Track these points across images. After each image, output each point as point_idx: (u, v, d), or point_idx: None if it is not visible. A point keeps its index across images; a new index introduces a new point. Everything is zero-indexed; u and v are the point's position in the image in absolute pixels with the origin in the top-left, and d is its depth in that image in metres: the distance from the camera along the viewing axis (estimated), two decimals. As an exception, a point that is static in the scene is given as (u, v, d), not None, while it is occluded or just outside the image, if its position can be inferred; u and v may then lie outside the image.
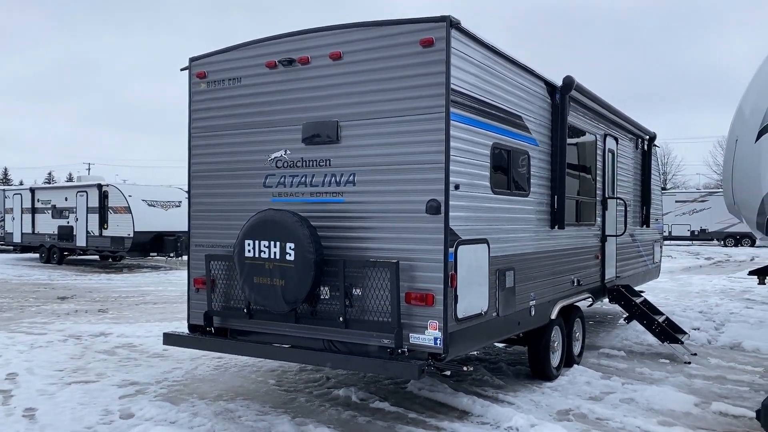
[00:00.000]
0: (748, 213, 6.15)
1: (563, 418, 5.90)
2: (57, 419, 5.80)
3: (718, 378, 7.41)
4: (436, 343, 4.99)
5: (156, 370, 7.68)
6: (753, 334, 9.81)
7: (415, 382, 6.87)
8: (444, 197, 4.96)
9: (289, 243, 5.19)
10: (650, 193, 10.90)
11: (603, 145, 8.76)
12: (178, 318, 11.63)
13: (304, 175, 5.66)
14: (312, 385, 6.98)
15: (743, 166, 5.95)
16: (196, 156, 6.30)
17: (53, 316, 11.83)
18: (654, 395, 6.50)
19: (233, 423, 5.71)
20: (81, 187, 23.85)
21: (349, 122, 5.42)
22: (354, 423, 5.74)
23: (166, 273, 21.35)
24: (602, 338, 9.67)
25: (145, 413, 5.94)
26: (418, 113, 5.06)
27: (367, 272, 5.23)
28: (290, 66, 5.68)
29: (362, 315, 5.28)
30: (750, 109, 5.91)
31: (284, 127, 5.75)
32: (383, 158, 5.26)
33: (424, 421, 5.80)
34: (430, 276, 5.01)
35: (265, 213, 5.43)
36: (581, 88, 7.25)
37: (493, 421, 5.77)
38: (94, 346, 9.04)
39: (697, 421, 5.82)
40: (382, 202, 5.27)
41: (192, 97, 6.31)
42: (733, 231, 39.96)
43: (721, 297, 14.92)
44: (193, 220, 6.33)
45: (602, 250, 8.80)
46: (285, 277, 5.22)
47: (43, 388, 6.83)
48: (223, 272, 5.98)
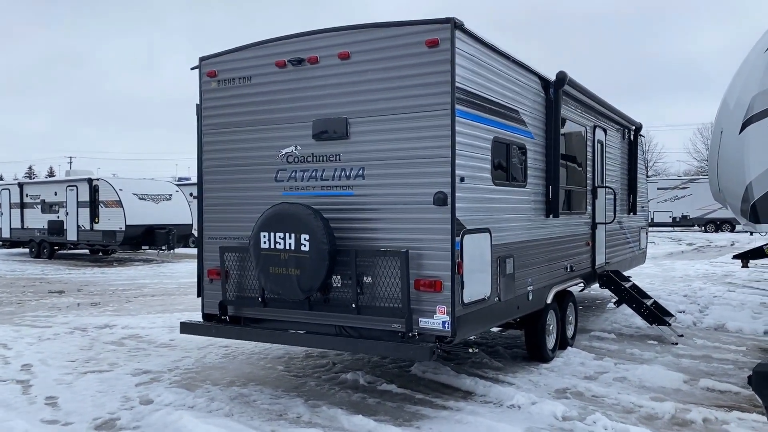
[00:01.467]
0: (733, 200, 6.51)
1: (561, 396, 6.26)
2: (80, 406, 6.05)
3: (704, 357, 7.82)
4: (444, 327, 5.31)
5: (166, 359, 7.94)
6: (735, 315, 10.26)
7: (419, 365, 7.21)
8: (450, 189, 5.26)
9: (304, 234, 5.47)
10: (637, 182, 11.29)
11: (593, 136, 9.10)
12: (179, 309, 11.87)
13: (314, 169, 5.93)
14: (320, 370, 7.28)
15: (728, 157, 6.30)
16: (208, 152, 6.54)
17: (54, 309, 12.01)
18: (645, 373, 6.89)
19: (249, 407, 6.00)
20: (71, 182, 23.86)
21: (357, 119, 5.69)
22: (364, 404, 6.06)
23: (159, 266, 21.49)
24: (592, 322, 10.06)
25: (163, 399, 6.20)
26: (425, 110, 5.35)
27: (377, 261, 5.53)
28: (300, 65, 5.93)
29: (373, 301, 5.58)
30: (734, 102, 6.25)
31: (294, 124, 6.01)
32: (391, 153, 5.55)
33: (431, 401, 6.12)
34: (438, 264, 5.32)
35: (280, 206, 5.70)
36: (573, 82, 7.58)
37: (495, 399, 6.11)
38: (101, 338, 9.27)
39: (687, 397, 6.20)
40: (390, 194, 5.57)
41: (203, 95, 6.54)
42: (713, 217, 40.80)
43: (704, 281, 15.44)
44: (205, 214, 6.58)
45: (593, 237, 9.17)
46: (300, 266, 5.51)
47: (59, 377, 7.06)
48: (237, 263, 6.25)
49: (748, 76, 6.23)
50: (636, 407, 5.89)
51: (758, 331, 9.27)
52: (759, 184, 5.86)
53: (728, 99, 6.45)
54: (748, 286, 14.49)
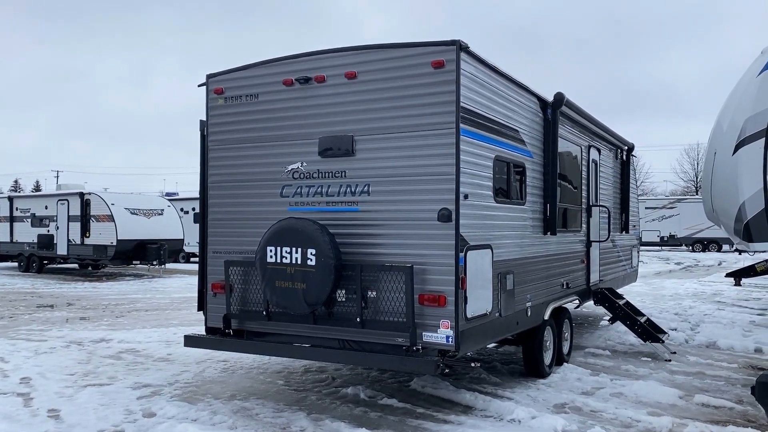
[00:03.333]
0: (727, 220, 6.69)
1: (560, 410, 6.35)
2: (83, 419, 6.07)
3: (697, 374, 7.95)
4: (448, 341, 5.41)
5: (165, 373, 7.96)
6: (726, 333, 10.43)
7: (419, 380, 7.28)
8: (455, 206, 5.39)
9: (311, 249, 5.57)
10: (629, 201, 11.51)
11: (587, 155, 9.30)
12: (173, 324, 11.87)
13: (320, 185, 6.05)
14: (319, 384, 7.34)
15: (722, 177, 6.49)
16: (214, 167, 6.64)
17: (48, 323, 11.96)
18: (641, 389, 7.00)
19: (252, 420, 6.05)
20: (62, 196, 23.79)
21: (363, 136, 5.83)
22: (366, 418, 6.12)
23: (150, 281, 21.42)
24: (586, 339, 10.19)
25: (166, 412, 6.23)
26: (430, 129, 5.50)
27: (382, 276, 5.64)
28: (307, 84, 6.07)
29: (377, 315, 5.67)
30: (727, 124, 6.45)
31: (301, 141, 6.13)
32: (396, 170, 5.68)
33: (432, 415, 6.20)
34: (442, 279, 5.44)
35: (287, 221, 5.80)
36: (570, 103, 7.77)
37: (496, 414, 6.20)
38: (98, 352, 9.26)
39: (683, 412, 6.32)
40: (395, 210, 5.69)
41: (209, 112, 6.66)
42: (700, 237, 41.27)
43: (694, 300, 15.65)
44: (210, 228, 6.66)
45: (587, 255, 9.33)
46: (306, 280, 5.60)
47: (60, 390, 7.07)
48: (241, 277, 6.33)
49: (741, 99, 6.44)
50: (634, 422, 5.99)
51: (749, 349, 9.43)
52: (752, 204, 6.04)
53: (721, 121, 6.66)
54: (737, 304, 14.70)
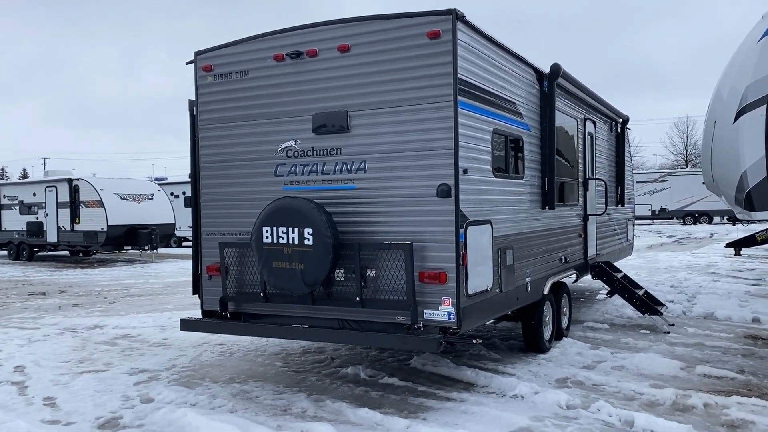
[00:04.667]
0: (727, 189, 6.61)
1: (562, 385, 6.31)
2: (79, 406, 5.97)
3: (697, 345, 7.94)
4: (449, 318, 5.32)
5: (162, 358, 7.86)
6: (723, 304, 10.44)
7: (418, 358, 7.23)
8: (454, 181, 5.27)
9: (308, 228, 5.45)
10: (624, 174, 11.42)
11: (583, 128, 9.19)
12: (168, 309, 11.76)
13: (315, 163, 5.91)
14: (319, 365, 7.26)
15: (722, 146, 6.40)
16: (205, 147, 6.47)
17: (41, 311, 11.82)
18: (642, 362, 6.97)
19: (252, 402, 5.97)
20: (50, 182, 23.49)
21: (358, 112, 5.68)
22: (368, 397, 6.05)
23: (142, 266, 21.26)
24: (584, 313, 10.16)
25: (164, 397, 6.14)
26: (427, 102, 5.36)
27: (381, 254, 5.53)
28: (298, 59, 5.90)
29: (377, 294, 5.58)
30: (728, 92, 6.34)
31: (294, 118, 5.98)
32: (393, 146, 5.54)
33: (434, 393, 6.14)
34: (443, 255, 5.33)
35: (282, 200, 5.67)
36: (566, 74, 7.64)
37: (498, 390, 6.15)
38: (92, 338, 9.14)
39: (685, 383, 6.29)
40: (393, 187, 5.56)
41: (198, 90, 6.48)
42: (691, 209, 41.50)
43: (689, 272, 15.68)
44: (203, 210, 6.52)
45: (584, 228, 9.26)
46: (304, 260, 5.48)
47: (55, 378, 6.96)
48: (237, 258, 6.21)
49: (742, 66, 6.33)
50: (637, 394, 5.96)
51: (746, 319, 9.43)
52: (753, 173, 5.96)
53: (721, 89, 6.55)
54: (731, 275, 14.75)
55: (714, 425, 5.17)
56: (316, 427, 5.16)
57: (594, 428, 5.14)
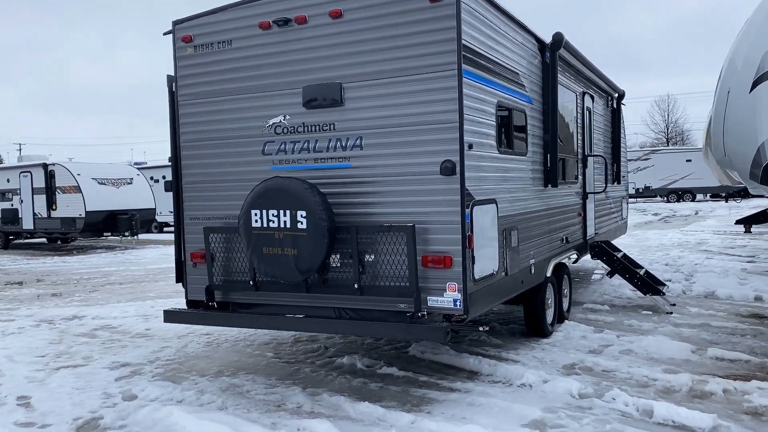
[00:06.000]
0: (742, 164, 6.29)
1: (571, 372, 5.99)
2: (56, 405, 5.53)
3: (703, 325, 7.67)
4: (456, 305, 4.95)
5: (144, 350, 7.43)
6: (723, 282, 10.20)
7: (417, 346, 6.87)
8: (459, 157, 4.87)
9: (300, 211, 5.03)
10: (620, 151, 11.10)
11: (582, 102, 8.82)
12: (150, 297, 11.29)
13: (306, 140, 5.47)
14: (312, 355, 6.88)
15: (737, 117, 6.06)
16: (186, 125, 6.00)
17: (16, 302, 11.28)
18: (651, 345, 6.68)
19: (243, 398, 5.57)
20: (24, 168, 22.69)
21: (353, 83, 5.24)
22: (367, 389, 5.69)
23: (123, 253, 20.67)
24: (582, 294, 9.87)
25: (148, 394, 5.73)
26: (428, 71, 4.93)
27: (380, 237, 5.13)
28: (286, 26, 5.43)
29: (377, 281, 5.19)
30: (742, 60, 6.00)
31: (282, 91, 5.52)
32: (391, 120, 5.12)
33: (437, 383, 5.79)
34: (448, 238, 4.95)
35: (272, 181, 5.23)
36: (568, 45, 7.24)
37: (504, 379, 5.81)
38: (70, 330, 8.67)
39: (699, 367, 6.00)
40: (391, 165, 5.15)
41: (177, 63, 5.98)
42: (675, 187, 41.58)
43: (681, 249, 15.50)
44: (186, 193, 6.05)
45: (584, 207, 8.93)
46: (297, 246, 5.07)
47: (30, 375, 6.50)
48: (223, 245, 5.77)
49: (758, 33, 5.98)
50: (651, 380, 5.65)
51: (748, 297, 9.21)
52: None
53: (735, 58, 6.20)
54: (724, 253, 14.58)
55: (737, 413, 4.88)
56: (314, 425, 4.79)
57: (611, 419, 4.83)
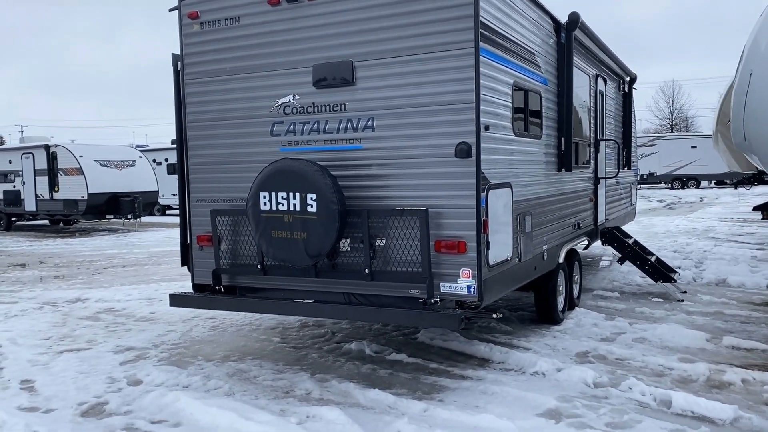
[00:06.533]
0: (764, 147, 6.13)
1: (584, 360, 5.88)
2: (60, 390, 5.43)
3: (716, 314, 7.54)
4: (469, 291, 4.82)
5: (149, 333, 7.32)
6: (733, 270, 10.06)
7: (426, 332, 6.76)
8: (475, 139, 4.71)
9: (310, 194, 4.88)
10: (631, 136, 10.92)
11: (595, 86, 8.63)
12: (154, 280, 11.18)
13: (316, 121, 5.31)
14: (319, 340, 6.77)
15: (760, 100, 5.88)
16: (192, 104, 5.83)
17: (19, 284, 11.19)
18: (665, 333, 6.56)
19: (251, 384, 5.47)
20: (26, 149, 22.52)
21: (365, 62, 5.07)
22: (376, 376, 5.58)
23: (125, 235, 20.56)
24: (590, 281, 9.74)
25: (153, 379, 5.62)
26: (444, 49, 4.75)
27: (392, 222, 4.99)
28: (296, 2, 5.25)
29: (388, 266, 5.05)
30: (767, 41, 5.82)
31: (292, 70, 5.35)
32: (404, 100, 4.95)
33: (447, 370, 5.68)
34: (462, 223, 4.80)
35: (281, 163, 5.07)
36: (584, 25, 7.05)
37: (516, 367, 5.70)
38: (74, 313, 8.57)
39: (715, 357, 5.88)
40: (404, 147, 4.99)
41: (183, 40, 5.81)
42: (680, 174, 41.29)
43: (688, 236, 15.33)
44: (192, 174, 5.91)
45: (595, 192, 8.77)
46: (307, 229, 4.93)
47: (33, 358, 6.40)
48: (231, 227, 5.64)
49: (783, 12, 5.79)
50: (666, 370, 5.54)
51: (761, 285, 9.07)
52: (796, 130, 5.46)
53: (759, 38, 6.01)
54: (732, 240, 14.42)
55: (756, 404, 4.76)
56: (324, 412, 4.68)
57: (628, 409, 4.71)
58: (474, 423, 4.44)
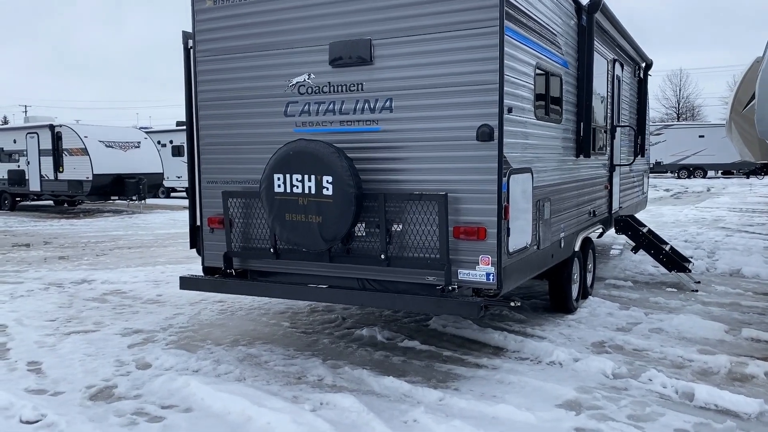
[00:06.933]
0: (791, 136, 5.97)
1: (601, 350, 5.76)
2: (68, 373, 5.34)
3: (732, 305, 7.42)
4: (489, 279, 4.69)
5: (157, 316, 7.23)
6: (747, 260, 9.92)
7: (438, 319, 6.65)
8: (498, 122, 4.56)
9: (326, 176, 4.74)
10: (645, 122, 10.74)
11: (612, 70, 8.44)
12: (160, 262, 11.09)
13: (332, 101, 5.15)
14: (329, 326, 6.67)
15: (789, 87, 5.71)
16: (204, 83, 5.68)
17: (24, 264, 11.10)
18: (682, 324, 6.44)
19: (262, 369, 5.37)
20: (31, 129, 22.39)
21: (383, 40, 4.90)
22: (389, 363, 5.48)
23: (130, 217, 20.47)
24: (601, 269, 9.61)
25: (162, 363, 5.52)
26: (467, 27, 4.59)
27: (409, 206, 4.85)
28: (313, -22, 5.07)
29: (404, 252, 4.92)
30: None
31: (307, 48, 5.19)
32: (425, 80, 4.79)
33: (461, 358, 5.58)
34: (482, 208, 4.66)
35: (296, 144, 4.93)
36: (606, 8, 6.86)
37: (532, 356, 5.59)
38: (80, 294, 8.48)
39: (735, 349, 5.76)
40: (423, 129, 4.84)
41: (196, 17, 5.64)
42: (686, 163, 40.99)
43: (698, 226, 15.19)
44: (203, 155, 5.76)
45: (610, 180, 8.62)
46: (323, 213, 4.79)
47: (40, 339, 6.31)
48: (243, 210, 5.51)
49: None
50: (686, 361, 5.42)
51: (776, 277, 8.94)
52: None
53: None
54: (742, 230, 14.27)
55: (781, 398, 4.64)
56: (338, 399, 4.58)
57: (649, 401, 4.60)
58: (492, 413, 4.34)
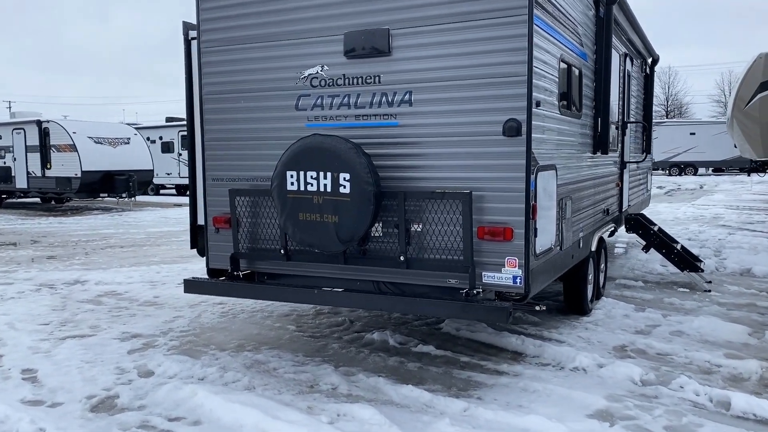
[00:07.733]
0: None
1: (623, 355, 5.54)
2: (66, 381, 5.03)
3: (749, 306, 7.23)
4: (516, 282, 4.44)
5: (155, 319, 6.93)
6: (756, 259, 9.75)
7: (450, 322, 6.40)
8: (526, 116, 4.31)
9: (344, 174, 4.47)
10: (652, 119, 10.55)
11: (623, 65, 8.22)
12: (154, 262, 10.76)
13: (347, 94, 4.88)
14: (338, 329, 6.40)
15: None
16: (209, 75, 5.38)
17: (13, 264, 10.73)
18: (703, 326, 6.23)
19: (272, 377, 5.09)
20: (17, 124, 21.89)
21: (402, 29, 4.63)
22: (405, 370, 5.22)
23: (120, 215, 20.06)
24: (609, 269, 9.40)
25: (166, 370, 5.23)
26: (493, 16, 4.33)
27: (430, 205, 4.59)
28: (327, -36, 4.79)
29: (425, 253, 4.66)
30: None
31: (320, 38, 4.91)
32: (446, 72, 4.53)
33: (480, 364, 5.33)
34: (509, 207, 4.41)
35: (311, 139, 4.65)
36: (623, 1, 6.62)
37: (554, 361, 5.36)
38: (73, 296, 8.15)
39: (761, 353, 5.56)
40: (445, 124, 4.58)
41: (200, 5, 5.34)
42: (677, 161, 41.03)
43: (698, 224, 15.05)
44: (208, 151, 5.47)
45: (621, 177, 8.41)
46: (339, 212, 4.52)
47: (34, 345, 5.99)
48: (250, 209, 5.22)
49: None
50: (714, 366, 5.21)
51: (788, 276, 8.78)
52: None
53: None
54: (743, 228, 14.14)
55: (820, 406, 4.43)
56: (356, 410, 4.31)
57: (684, 410, 4.37)
58: (522, 425, 4.10)
